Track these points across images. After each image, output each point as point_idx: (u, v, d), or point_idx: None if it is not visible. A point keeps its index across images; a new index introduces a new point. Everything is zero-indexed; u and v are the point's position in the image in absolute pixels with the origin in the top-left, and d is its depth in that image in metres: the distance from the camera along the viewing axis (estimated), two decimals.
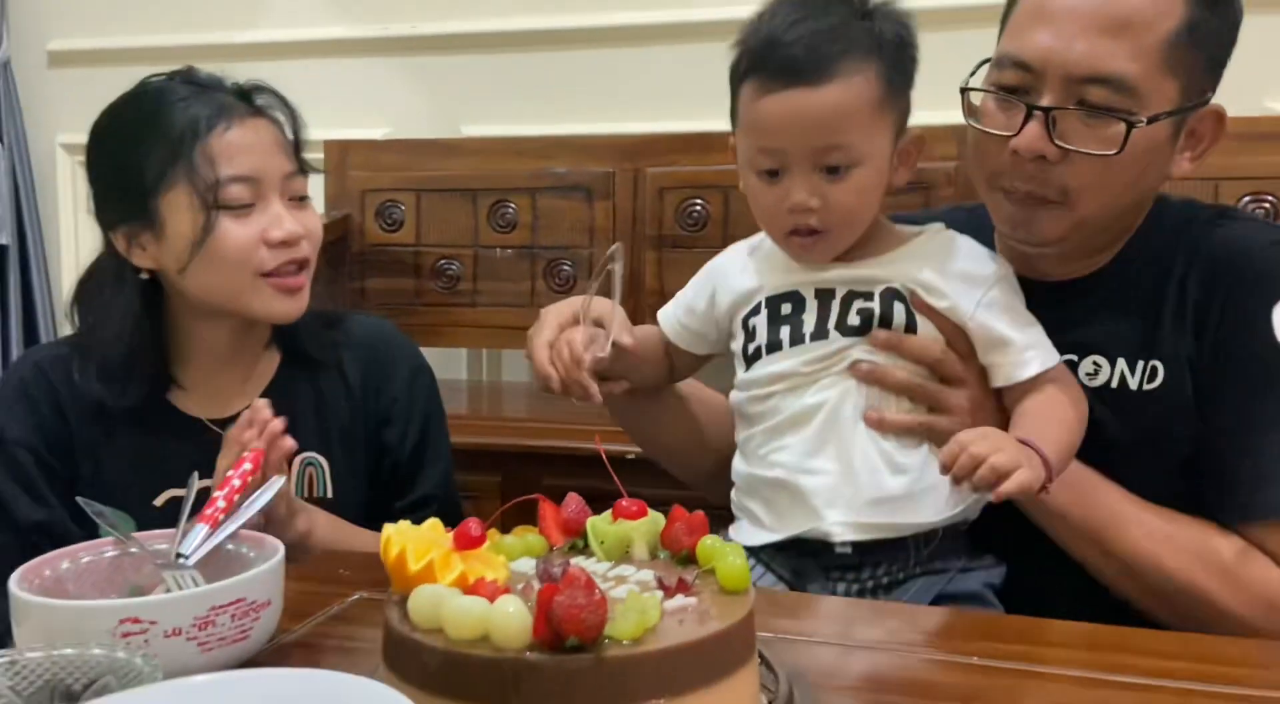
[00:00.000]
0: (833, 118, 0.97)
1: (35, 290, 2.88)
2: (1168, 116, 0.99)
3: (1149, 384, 1.05)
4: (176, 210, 1.12)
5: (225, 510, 0.88)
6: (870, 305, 1.02)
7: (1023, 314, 1.03)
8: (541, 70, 2.50)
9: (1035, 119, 0.99)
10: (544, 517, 0.78)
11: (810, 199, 0.99)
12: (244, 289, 1.15)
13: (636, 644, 0.62)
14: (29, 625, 0.73)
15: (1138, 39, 0.97)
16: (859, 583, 1.00)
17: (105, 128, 1.18)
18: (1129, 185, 1.02)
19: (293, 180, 1.18)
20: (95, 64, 2.82)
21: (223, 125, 1.13)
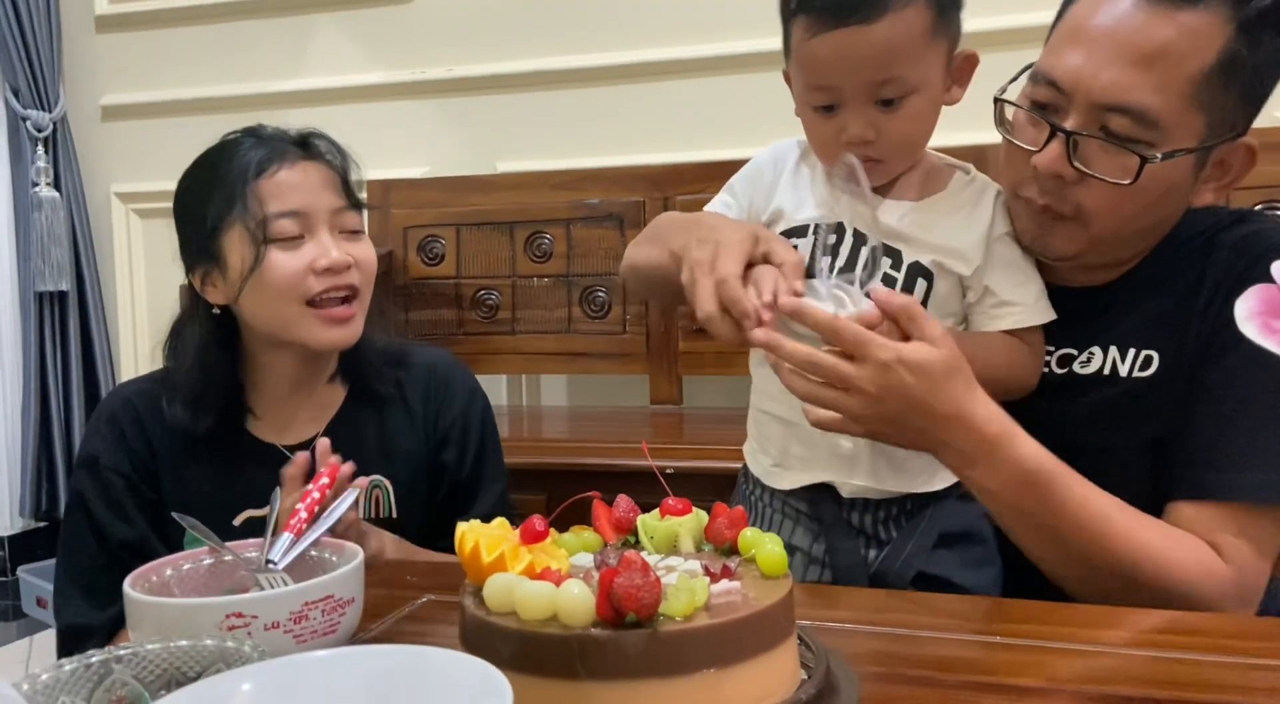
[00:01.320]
0: (886, 53, 0.98)
1: (94, 333, 3.00)
2: (1186, 153, 1.00)
3: (1140, 372, 1.07)
4: (234, 247, 1.22)
5: (307, 521, 0.96)
6: (895, 274, 1.05)
7: (1020, 269, 1.08)
8: (571, 106, 2.60)
9: (1058, 140, 1.01)
10: (598, 516, 0.86)
11: (867, 132, 1.01)
12: (292, 319, 1.23)
13: (688, 620, 0.69)
14: (144, 624, 0.81)
15: (1167, 72, 0.97)
16: (872, 513, 1.08)
17: (183, 181, 1.29)
18: (1143, 212, 1.04)
19: (343, 215, 1.26)
20: (146, 117, 2.95)
21: (274, 167, 1.23)
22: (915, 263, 1.05)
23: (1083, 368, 1.11)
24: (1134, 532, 0.97)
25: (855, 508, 1.09)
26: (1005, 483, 0.96)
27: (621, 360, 2.41)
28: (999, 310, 1.06)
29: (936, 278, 1.05)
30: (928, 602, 0.96)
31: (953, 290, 1.07)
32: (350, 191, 1.28)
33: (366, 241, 1.30)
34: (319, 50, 2.81)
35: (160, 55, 2.96)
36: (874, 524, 1.09)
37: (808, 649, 0.79)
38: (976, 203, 1.09)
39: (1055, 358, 1.13)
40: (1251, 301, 0.72)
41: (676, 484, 1.20)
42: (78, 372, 2.97)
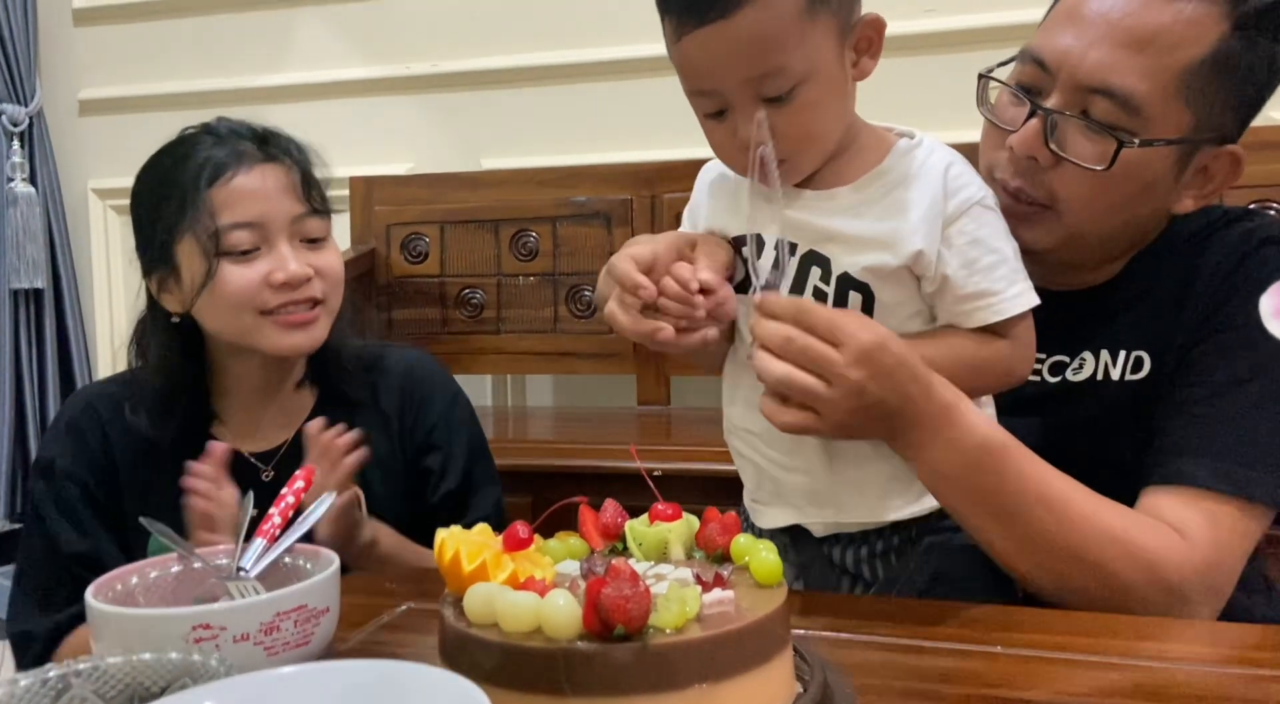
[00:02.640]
0: (756, 46, 0.88)
1: (70, 332, 2.96)
2: (1165, 144, 0.97)
3: (1132, 375, 1.04)
4: (187, 257, 1.18)
5: (281, 526, 0.93)
6: (825, 288, 0.94)
7: (985, 247, 0.93)
8: (558, 103, 2.57)
9: (1036, 119, 0.98)
10: (584, 522, 0.83)
11: (760, 133, 0.91)
12: (249, 328, 1.19)
13: (679, 633, 0.65)
14: (108, 634, 0.77)
15: (1157, 59, 0.94)
16: (854, 550, 1.01)
17: (138, 181, 1.24)
18: (1118, 206, 1.00)
19: (304, 222, 1.20)
20: (124, 111, 2.91)
21: (229, 173, 1.17)
22: (844, 274, 0.93)
23: (1075, 375, 1.07)
24: (1094, 511, 0.93)
25: (837, 544, 1.02)
26: (961, 462, 0.91)
27: (608, 360, 2.38)
28: (966, 306, 0.93)
29: (875, 286, 0.93)
30: (928, 610, 0.93)
31: (905, 290, 0.95)
32: (312, 196, 1.22)
33: (331, 249, 1.24)
34: (301, 44, 2.77)
35: (139, 49, 2.92)
36: (857, 562, 1.01)
37: (803, 660, 0.76)
38: (916, 174, 0.94)
39: (1047, 366, 1.09)
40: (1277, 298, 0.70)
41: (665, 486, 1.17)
42: (53, 370, 2.92)
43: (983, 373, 0.96)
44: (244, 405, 1.26)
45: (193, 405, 1.25)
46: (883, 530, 1.00)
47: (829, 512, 1.00)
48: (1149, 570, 0.91)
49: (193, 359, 1.25)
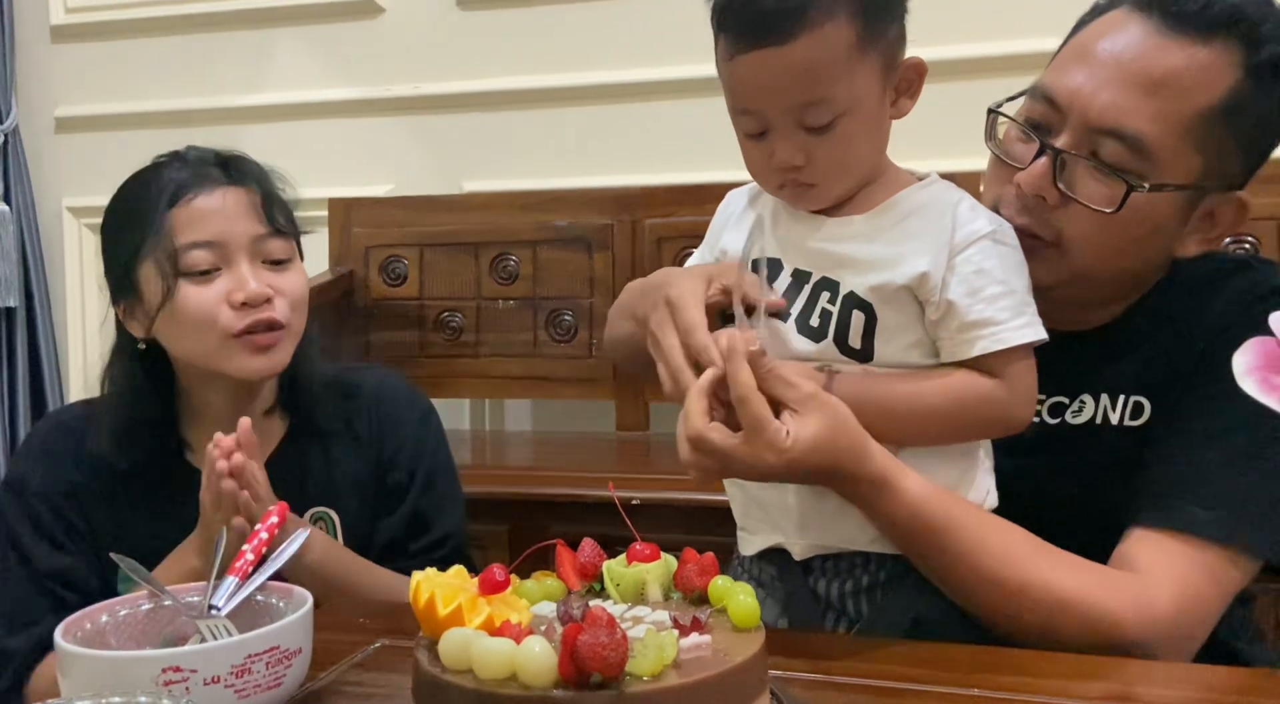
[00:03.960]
0: (806, 76, 0.90)
1: (42, 352, 2.91)
2: (1175, 189, 0.97)
3: (1131, 420, 1.04)
4: (148, 280, 1.18)
5: (254, 563, 0.91)
6: (831, 308, 0.96)
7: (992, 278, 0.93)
8: (540, 127, 2.56)
9: (1045, 157, 0.98)
10: (561, 562, 0.82)
11: (795, 157, 0.94)
12: (213, 350, 1.18)
13: (656, 680, 0.65)
14: (76, 676, 0.76)
15: (1168, 103, 0.94)
16: (839, 583, 1.00)
17: (107, 209, 1.24)
18: (1125, 249, 1.00)
19: (265, 243, 1.20)
20: (101, 129, 2.88)
21: (189, 195, 1.17)
22: (850, 293, 0.95)
23: (1075, 418, 1.07)
24: (1040, 579, 0.93)
25: (823, 577, 1.01)
26: (895, 531, 0.94)
27: (587, 385, 2.37)
28: (967, 334, 0.93)
29: (878, 307, 0.94)
30: (905, 651, 0.92)
31: (907, 315, 0.95)
32: (275, 218, 1.21)
33: (296, 270, 1.24)
34: (282, 65, 2.76)
35: (117, 67, 2.89)
36: (841, 597, 1.00)
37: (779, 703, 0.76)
38: (929, 206, 0.97)
39: (1046, 407, 1.08)
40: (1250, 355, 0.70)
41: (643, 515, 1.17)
42: (24, 391, 2.87)
43: (975, 414, 0.95)
44: (213, 431, 1.25)
45: (161, 433, 1.23)
46: (869, 564, 0.99)
47: (812, 534, 1.00)
48: (1107, 632, 0.91)
49: (160, 387, 1.24)
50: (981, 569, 0.93)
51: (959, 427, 0.96)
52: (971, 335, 0.93)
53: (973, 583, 0.94)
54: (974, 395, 0.94)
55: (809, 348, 0.96)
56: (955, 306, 0.93)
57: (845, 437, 0.90)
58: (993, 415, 0.95)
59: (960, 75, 2.04)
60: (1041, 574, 0.93)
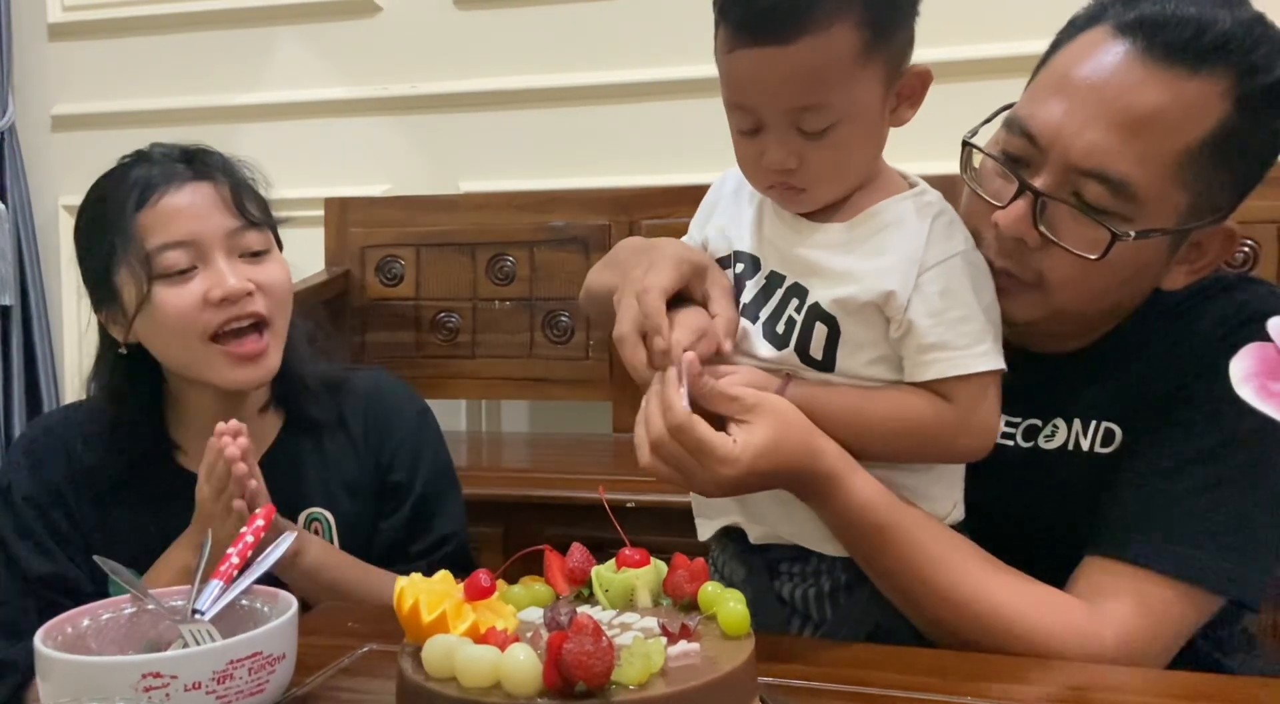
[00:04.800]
0: (805, 79, 0.87)
1: (37, 351, 2.89)
2: (1161, 234, 0.92)
3: (1102, 447, 1.01)
4: (125, 285, 1.15)
5: (239, 567, 0.90)
6: (796, 317, 0.94)
7: (958, 301, 0.92)
8: (537, 127, 2.55)
9: (1024, 198, 0.93)
10: (550, 567, 0.81)
11: (787, 160, 0.91)
12: (197, 358, 1.15)
13: (642, 689, 0.64)
14: (55, 680, 0.75)
15: (1154, 143, 0.89)
16: (803, 587, 0.99)
17: (78, 215, 1.22)
18: (1108, 290, 0.97)
19: (240, 236, 1.17)
20: (98, 127, 2.87)
21: (156, 195, 1.14)
22: (814, 305, 0.93)
23: (1047, 443, 1.04)
24: (986, 594, 0.92)
25: (789, 580, 1.00)
26: (846, 530, 0.93)
27: (584, 386, 2.36)
28: (924, 356, 0.91)
29: (843, 320, 0.92)
30: (899, 657, 0.91)
31: (873, 330, 0.93)
32: (247, 209, 1.19)
33: (275, 262, 1.21)
34: (279, 64, 2.75)
35: (115, 65, 2.88)
36: (805, 601, 1.00)
37: None
38: (905, 221, 0.93)
39: (1021, 430, 1.06)
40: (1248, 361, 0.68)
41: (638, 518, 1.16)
42: (19, 390, 2.85)
43: (922, 438, 0.93)
44: (204, 433, 1.23)
45: (148, 436, 1.22)
46: (833, 570, 0.99)
47: (768, 522, 0.99)
48: (1044, 655, 0.90)
49: (147, 390, 1.22)
50: (924, 576, 0.92)
51: (905, 448, 0.94)
52: (929, 357, 0.91)
53: (915, 589, 0.93)
54: (923, 419, 0.92)
55: (771, 354, 0.95)
56: (915, 327, 0.91)
57: (792, 439, 0.90)
58: (940, 441, 0.94)
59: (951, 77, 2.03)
60: (985, 589, 0.92)
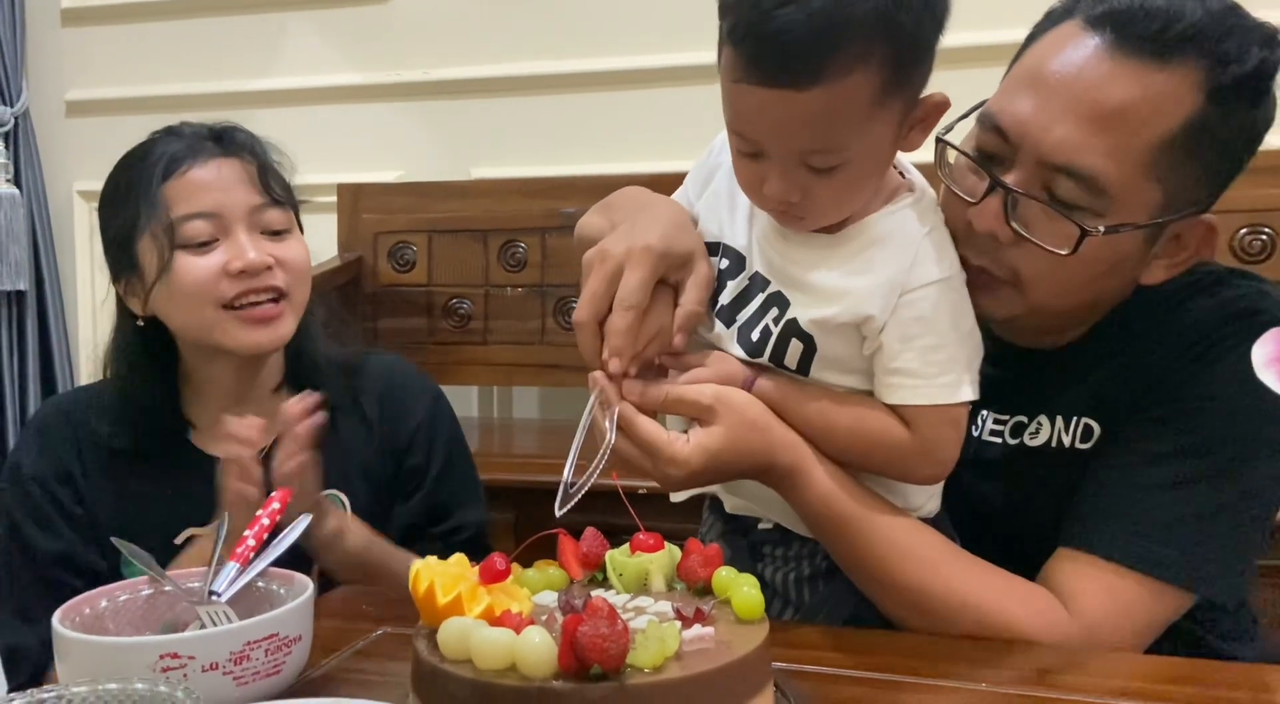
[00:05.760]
0: (819, 125, 0.84)
1: (52, 335, 2.91)
2: (1133, 229, 0.91)
3: (1081, 444, 1.00)
4: (146, 254, 1.17)
5: (255, 548, 0.91)
6: (772, 329, 0.93)
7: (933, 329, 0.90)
8: (549, 113, 2.54)
9: (996, 195, 0.91)
10: (563, 551, 0.81)
11: (791, 194, 0.88)
12: (211, 323, 1.17)
13: (657, 672, 0.64)
14: (72, 661, 0.76)
15: (1124, 137, 0.88)
16: (784, 571, 1.00)
17: (104, 186, 1.24)
18: (1085, 285, 0.95)
19: (263, 213, 1.19)
20: (112, 113, 2.87)
21: (184, 167, 1.17)
22: (792, 321, 0.92)
23: (1032, 439, 1.03)
24: (955, 579, 0.92)
25: (772, 563, 1.01)
26: (807, 518, 0.95)
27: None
28: (889, 379, 0.91)
29: (819, 337, 0.91)
30: (913, 643, 0.91)
31: (850, 347, 0.92)
32: (271, 188, 1.21)
33: (295, 240, 1.23)
34: (292, 49, 2.74)
35: (128, 50, 2.88)
36: (786, 585, 1.00)
37: (784, 696, 0.75)
38: (895, 237, 0.91)
39: (1009, 427, 1.05)
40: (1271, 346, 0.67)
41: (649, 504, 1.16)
42: (34, 375, 2.87)
43: (879, 455, 0.93)
44: (219, 411, 1.24)
45: (162, 413, 1.23)
46: (814, 555, 0.99)
47: (740, 498, 1.00)
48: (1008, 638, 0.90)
49: (161, 366, 1.23)
50: (889, 568, 0.92)
51: (864, 461, 0.94)
52: (894, 381, 0.91)
53: (882, 580, 0.93)
54: (883, 438, 0.92)
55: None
56: (885, 348, 0.90)
57: (749, 439, 0.91)
58: (895, 463, 0.94)
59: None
60: (953, 580, 0.92)
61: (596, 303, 0.91)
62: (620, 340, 0.90)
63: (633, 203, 1.04)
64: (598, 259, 0.92)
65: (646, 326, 0.91)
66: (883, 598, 0.95)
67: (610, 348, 0.91)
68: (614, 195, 1.12)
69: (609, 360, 0.91)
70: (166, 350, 1.24)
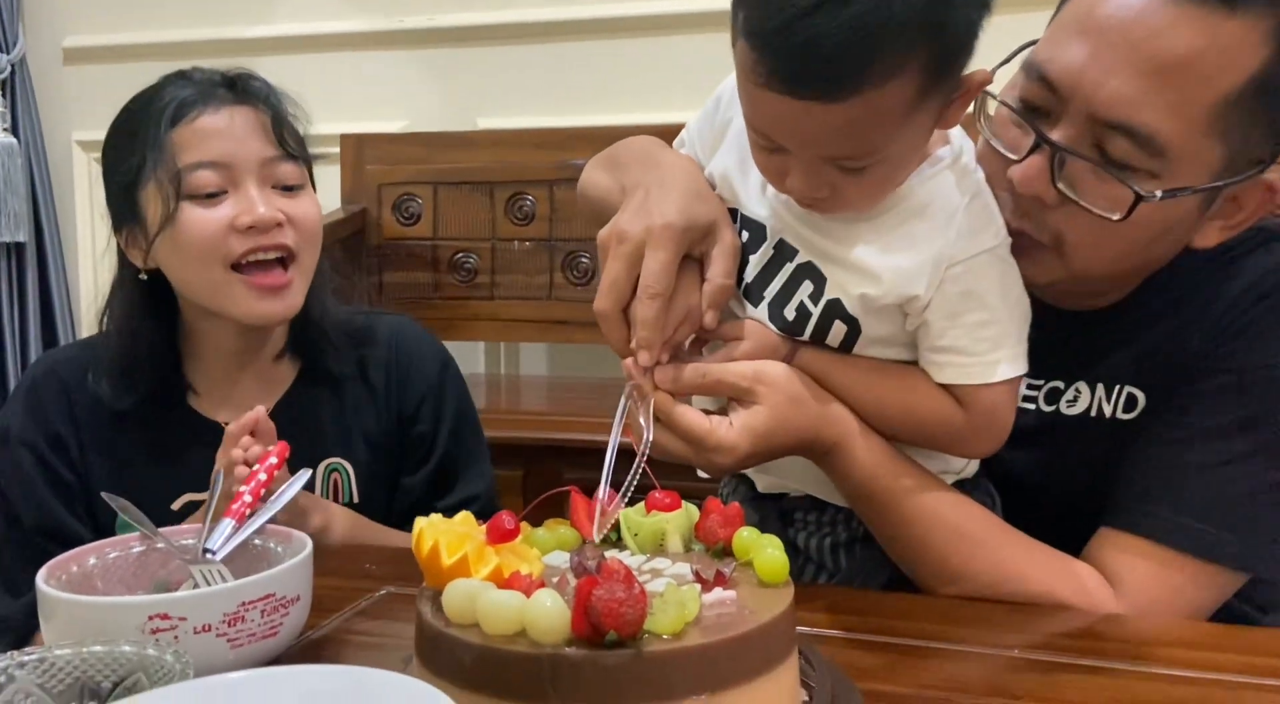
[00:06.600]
0: (850, 132, 0.78)
1: (53, 288, 2.88)
2: (1192, 193, 0.84)
3: (1124, 414, 0.96)
4: (150, 202, 1.11)
5: (251, 505, 0.87)
6: (811, 309, 0.88)
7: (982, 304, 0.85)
8: (557, 62, 2.49)
9: (1041, 152, 0.85)
10: (575, 509, 0.77)
11: (817, 190, 0.82)
12: (218, 286, 1.11)
13: (677, 639, 0.60)
14: (57, 622, 0.72)
15: (1187, 92, 0.81)
16: (818, 537, 0.97)
17: (109, 129, 1.18)
18: (1132, 252, 0.90)
19: (276, 166, 1.13)
20: (110, 60, 2.82)
21: (194, 112, 1.11)
22: (835, 301, 0.86)
23: (1070, 408, 0.98)
24: (999, 554, 0.88)
25: (804, 529, 0.97)
26: (849, 492, 0.91)
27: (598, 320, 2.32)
28: (936, 357, 0.86)
29: (864, 318, 0.86)
30: (942, 607, 0.87)
31: (891, 327, 0.88)
32: (286, 140, 1.15)
33: (308, 197, 1.17)
34: None
35: None
36: (820, 551, 0.97)
37: (807, 663, 0.71)
38: (936, 206, 0.84)
39: (1043, 393, 1.00)
40: None
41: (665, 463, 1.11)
42: (35, 328, 2.84)
43: (929, 432, 0.89)
44: (219, 374, 1.20)
45: (162, 373, 1.18)
46: (850, 520, 0.96)
47: (771, 473, 0.96)
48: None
49: (161, 322, 1.18)
50: (930, 543, 0.89)
51: (913, 435, 0.91)
52: (942, 359, 0.87)
53: (920, 555, 0.90)
54: (934, 415, 0.88)
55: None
56: (930, 326, 0.86)
57: (794, 414, 0.86)
58: (947, 439, 0.90)
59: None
60: (993, 556, 0.89)
61: (619, 290, 0.86)
62: (649, 331, 0.85)
63: (642, 160, 0.97)
64: (614, 240, 0.86)
65: (674, 310, 0.86)
66: (923, 574, 0.91)
67: (639, 340, 0.85)
68: (618, 149, 1.06)
69: (638, 351, 0.85)
70: (168, 307, 1.19)
